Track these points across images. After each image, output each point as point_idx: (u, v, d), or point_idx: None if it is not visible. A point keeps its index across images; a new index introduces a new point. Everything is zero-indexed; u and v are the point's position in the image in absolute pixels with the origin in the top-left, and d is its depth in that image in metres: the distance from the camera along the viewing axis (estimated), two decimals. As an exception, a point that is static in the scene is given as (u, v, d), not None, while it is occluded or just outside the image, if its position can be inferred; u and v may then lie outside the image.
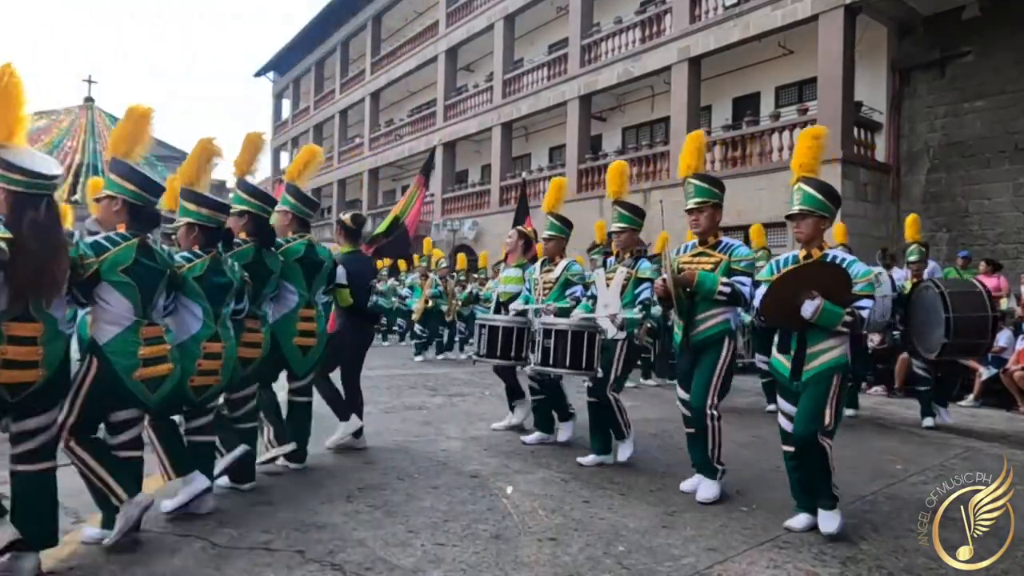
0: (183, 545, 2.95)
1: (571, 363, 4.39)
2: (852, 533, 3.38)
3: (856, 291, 3.24)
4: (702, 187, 3.86)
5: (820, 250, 3.41)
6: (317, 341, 4.20)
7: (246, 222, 3.85)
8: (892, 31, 12.05)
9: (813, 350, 3.29)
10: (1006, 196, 10.78)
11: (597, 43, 16.15)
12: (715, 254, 3.83)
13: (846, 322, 3.20)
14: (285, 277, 4.05)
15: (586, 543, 3.12)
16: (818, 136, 3.53)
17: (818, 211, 3.37)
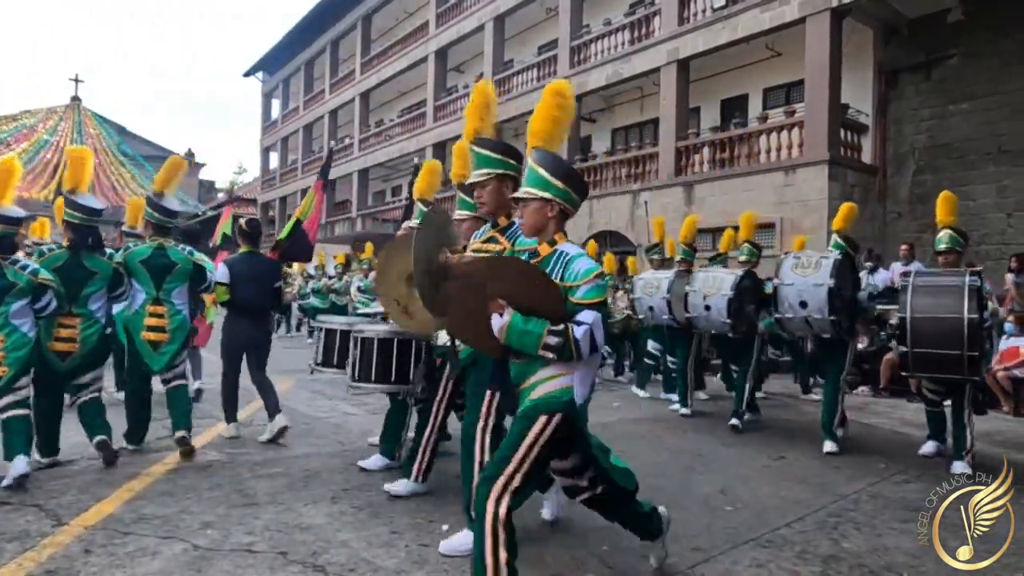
0: (164, 547, 2.93)
1: (377, 376, 3.90)
2: (834, 531, 3.41)
3: (575, 299, 2.29)
4: (483, 155, 3.14)
5: (551, 245, 2.45)
6: (170, 337, 4.54)
7: (68, 229, 4.36)
8: (878, 34, 12.15)
9: (528, 382, 2.38)
10: (990, 198, 10.88)
11: (587, 44, 16.19)
12: (503, 241, 3.08)
13: (548, 345, 2.24)
14: (134, 277, 4.56)
15: (570, 543, 3.12)
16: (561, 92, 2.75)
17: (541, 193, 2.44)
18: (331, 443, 5.04)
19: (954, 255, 5.13)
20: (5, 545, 2.91)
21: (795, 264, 5.48)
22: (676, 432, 5.86)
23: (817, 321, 5.23)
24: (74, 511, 3.34)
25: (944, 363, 4.44)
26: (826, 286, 5.11)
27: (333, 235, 24.67)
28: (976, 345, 4.33)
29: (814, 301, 5.18)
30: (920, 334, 4.47)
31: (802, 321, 5.36)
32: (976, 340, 4.32)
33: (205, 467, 4.26)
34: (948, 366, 4.44)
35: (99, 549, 2.89)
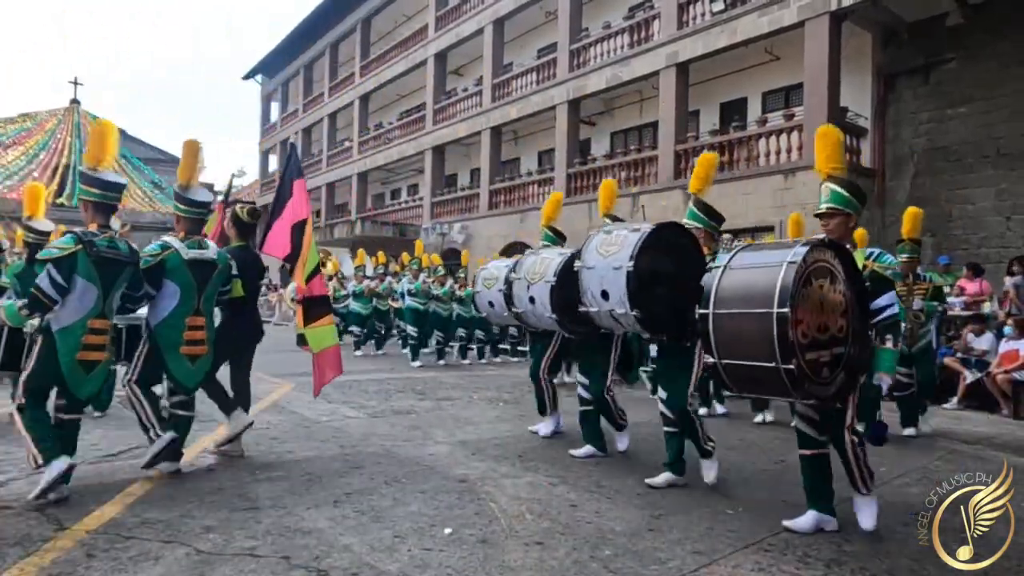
0: (167, 552, 2.92)
1: None
2: (836, 535, 3.41)
3: None
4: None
5: None
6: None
7: None
8: (877, 38, 12.18)
9: None
10: (989, 201, 10.91)
11: (586, 48, 16.22)
12: None
13: None
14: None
15: (573, 547, 3.12)
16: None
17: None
18: (332, 447, 5.04)
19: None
20: (7, 550, 2.90)
21: (603, 241, 4.25)
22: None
23: (623, 317, 4.04)
24: (76, 515, 3.33)
25: (762, 380, 3.13)
26: (624, 270, 3.87)
27: (332, 238, 24.65)
28: (791, 351, 2.93)
29: (615, 291, 4.00)
30: (724, 337, 3.21)
31: (608, 317, 4.18)
32: (785, 344, 2.92)
33: (206, 471, 4.26)
34: (767, 384, 3.12)
35: (101, 553, 2.89)
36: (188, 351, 4.11)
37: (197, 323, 4.14)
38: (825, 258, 3.19)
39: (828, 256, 3.21)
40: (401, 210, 24.80)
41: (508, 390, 8.29)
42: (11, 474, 4.02)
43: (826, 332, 3.13)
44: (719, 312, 3.23)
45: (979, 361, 7.96)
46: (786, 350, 2.94)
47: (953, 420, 7.14)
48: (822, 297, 3.13)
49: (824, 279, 3.15)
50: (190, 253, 4.13)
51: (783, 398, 3.33)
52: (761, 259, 3.26)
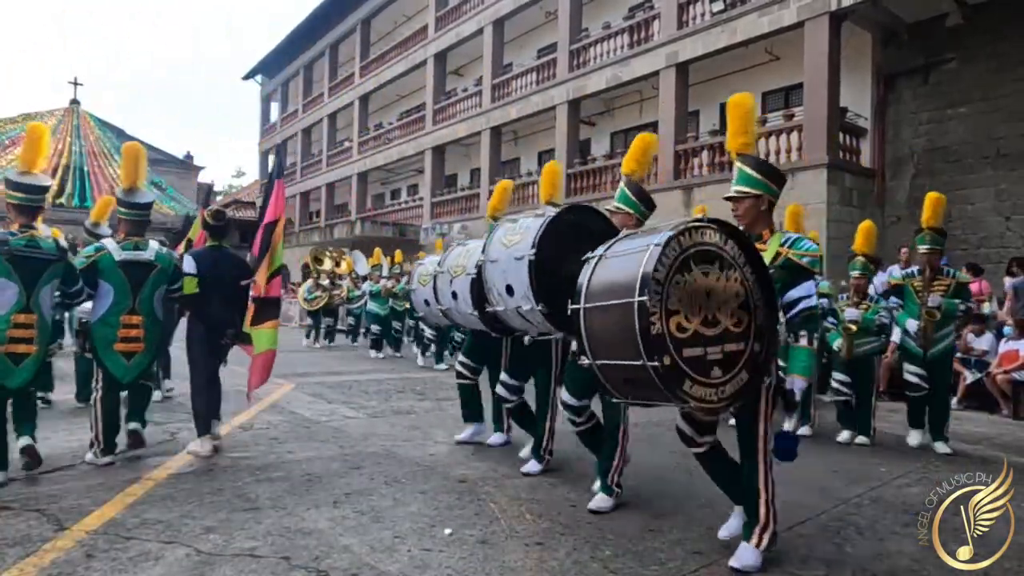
0: (167, 552, 2.92)
1: None
2: (837, 536, 3.41)
3: None
4: None
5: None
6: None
7: None
8: (877, 38, 12.18)
9: None
10: (988, 201, 10.91)
11: (586, 48, 16.22)
12: None
13: None
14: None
15: (573, 547, 3.12)
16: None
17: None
18: (332, 447, 5.04)
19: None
20: (7, 550, 2.90)
21: (507, 231, 3.94)
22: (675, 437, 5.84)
23: (531, 314, 3.70)
24: (76, 515, 3.33)
25: (637, 382, 2.72)
26: (526, 259, 3.58)
27: (332, 238, 24.65)
28: (660, 346, 2.55)
29: (519, 284, 3.64)
30: (595, 334, 2.84)
31: (517, 315, 3.82)
32: (649, 338, 2.53)
33: (206, 471, 4.26)
34: (644, 386, 2.68)
35: (101, 554, 2.89)
36: (123, 348, 4.32)
37: (132, 321, 4.33)
38: (712, 242, 2.77)
39: (717, 240, 2.79)
40: (401, 210, 24.80)
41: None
42: (11, 474, 4.01)
43: (715, 326, 2.71)
44: (589, 307, 2.85)
45: (979, 361, 7.96)
46: (652, 345, 2.54)
47: (953, 420, 7.10)
48: (709, 286, 2.72)
49: (711, 265, 2.74)
50: (123, 255, 4.34)
51: (664, 402, 2.77)
52: (634, 244, 2.85)
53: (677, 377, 2.61)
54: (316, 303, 14.36)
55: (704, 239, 2.76)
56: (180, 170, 40.86)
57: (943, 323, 5.51)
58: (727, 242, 2.82)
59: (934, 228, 5.51)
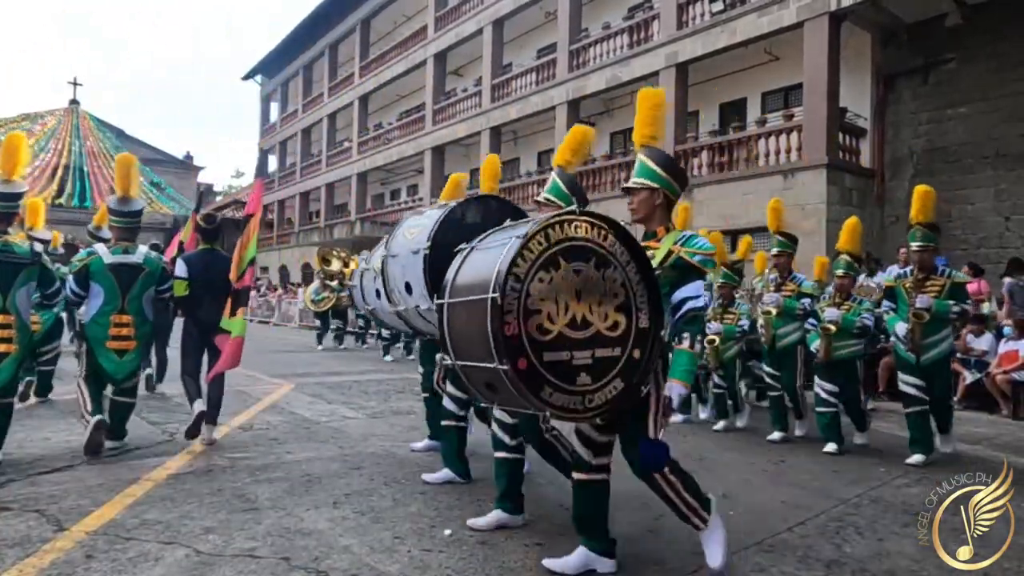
0: (166, 553, 2.92)
1: None
2: (836, 535, 3.41)
3: None
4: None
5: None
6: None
7: None
8: (876, 38, 12.18)
9: None
10: (988, 201, 10.92)
11: (585, 48, 16.22)
12: None
13: None
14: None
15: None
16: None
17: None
18: (331, 448, 5.04)
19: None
20: (6, 551, 2.90)
21: (411, 224, 3.77)
22: (676, 436, 5.85)
23: (431, 314, 3.38)
24: (75, 516, 3.33)
25: (496, 386, 2.55)
26: (421, 253, 3.29)
27: (331, 238, 24.65)
28: (514, 349, 2.37)
29: (416, 281, 3.43)
30: (456, 333, 2.69)
31: (419, 317, 3.60)
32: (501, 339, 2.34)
33: (206, 472, 4.26)
34: (502, 391, 2.52)
35: (101, 555, 2.89)
36: (114, 346, 4.59)
37: (123, 321, 4.61)
38: (588, 237, 2.55)
39: (594, 236, 2.56)
40: (401, 210, 24.77)
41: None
42: (10, 475, 4.01)
43: (586, 328, 2.50)
44: (451, 303, 2.67)
45: (978, 361, 7.96)
46: (505, 347, 2.35)
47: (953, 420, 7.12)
48: (581, 284, 2.50)
49: (584, 263, 2.52)
50: (112, 258, 4.63)
51: (524, 409, 2.57)
52: (501, 237, 2.67)
53: (534, 382, 2.40)
54: (323, 304, 14.04)
55: (578, 234, 2.54)
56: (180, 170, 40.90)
57: (935, 326, 5.02)
58: (607, 238, 2.58)
59: (925, 224, 5.10)
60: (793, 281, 5.91)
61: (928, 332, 5.02)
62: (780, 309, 5.78)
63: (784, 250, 5.95)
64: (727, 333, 6.24)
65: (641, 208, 2.96)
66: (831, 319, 5.41)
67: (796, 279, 5.93)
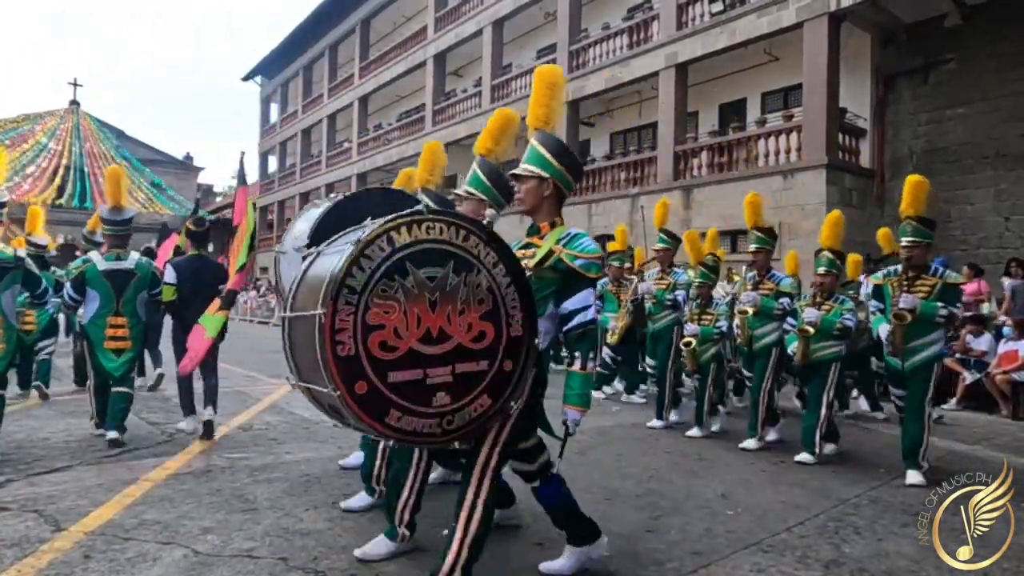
0: (164, 553, 2.92)
1: None
2: (835, 536, 3.41)
3: None
4: None
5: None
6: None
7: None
8: (876, 38, 12.18)
9: None
10: (988, 202, 10.91)
11: (585, 49, 16.22)
12: None
13: None
14: None
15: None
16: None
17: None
18: (330, 448, 5.03)
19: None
20: (4, 551, 2.90)
21: (305, 217, 3.58)
22: (677, 437, 5.85)
23: None
24: (73, 516, 3.33)
25: (335, 409, 2.30)
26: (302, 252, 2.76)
27: (332, 239, 24.65)
28: (352, 371, 2.11)
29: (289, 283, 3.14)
30: (297, 351, 2.43)
31: None
32: (330, 359, 2.08)
33: (205, 472, 4.25)
34: (350, 417, 2.19)
35: (99, 555, 2.89)
36: (112, 346, 4.92)
37: (118, 322, 4.93)
38: (444, 239, 2.25)
39: (451, 236, 2.27)
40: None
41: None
42: (8, 475, 4.01)
43: (444, 342, 2.24)
44: (291, 316, 2.37)
45: (978, 362, 7.96)
46: (338, 369, 2.08)
47: (952, 421, 7.12)
48: (436, 293, 2.23)
49: (439, 268, 2.24)
50: (106, 265, 4.94)
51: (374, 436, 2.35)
52: (344, 240, 2.38)
53: (376, 407, 2.15)
54: None
55: (431, 235, 2.24)
56: (180, 171, 40.89)
57: (922, 330, 4.54)
58: (468, 239, 2.30)
59: (916, 217, 4.62)
60: (771, 279, 5.59)
61: (913, 335, 4.56)
62: (757, 308, 5.47)
63: (762, 247, 5.64)
64: (704, 335, 5.87)
65: (528, 198, 2.71)
66: (810, 320, 5.04)
67: (775, 277, 5.62)
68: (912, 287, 4.61)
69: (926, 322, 4.52)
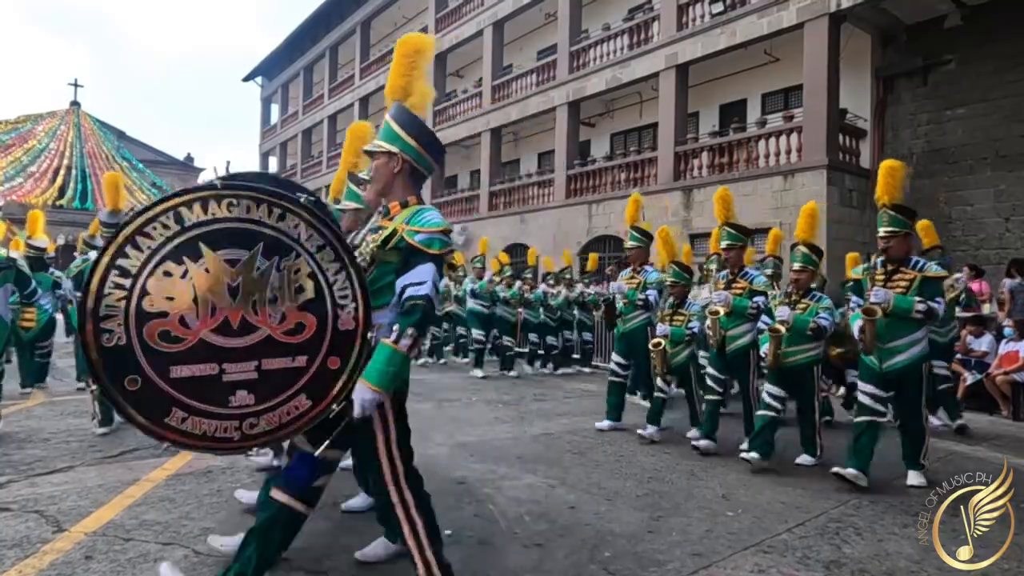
0: (166, 554, 2.92)
1: None
2: (835, 536, 3.41)
3: None
4: None
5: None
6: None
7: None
8: (876, 39, 12.20)
9: None
10: (988, 203, 10.92)
11: (585, 50, 16.23)
12: None
13: None
14: None
15: (572, 549, 3.12)
16: None
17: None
18: (331, 448, 5.03)
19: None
20: (6, 551, 2.90)
21: None
22: (676, 438, 5.85)
23: None
24: (75, 517, 3.33)
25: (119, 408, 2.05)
26: None
27: (332, 240, 24.65)
28: (117, 365, 1.92)
29: None
30: None
31: None
32: (98, 353, 1.91)
33: (205, 473, 4.25)
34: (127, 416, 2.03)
35: (100, 555, 2.89)
36: None
37: None
38: (250, 218, 2.03)
39: (263, 215, 2.05)
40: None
41: (507, 391, 8.28)
42: (10, 476, 4.01)
43: (248, 333, 2.04)
44: None
45: (978, 362, 7.96)
46: (104, 362, 1.90)
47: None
48: (239, 279, 2.03)
49: (242, 250, 2.02)
50: None
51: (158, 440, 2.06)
52: None
53: (152, 406, 1.94)
54: None
55: (233, 214, 2.02)
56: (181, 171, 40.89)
57: (900, 327, 4.24)
58: (284, 218, 2.07)
59: (891, 206, 4.34)
60: (744, 278, 5.29)
61: (892, 333, 4.27)
62: (729, 308, 5.19)
63: (734, 243, 5.31)
64: (675, 336, 5.61)
65: (377, 176, 2.46)
66: (782, 318, 4.79)
67: (748, 276, 5.32)
68: (890, 281, 4.32)
69: (904, 319, 4.21)
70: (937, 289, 4.32)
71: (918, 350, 4.32)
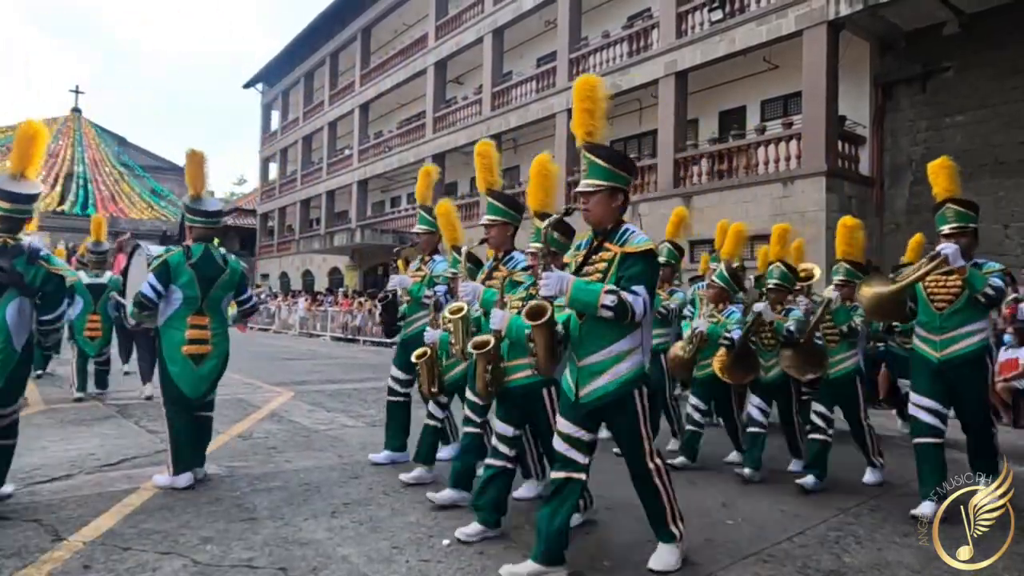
0: (164, 563, 2.91)
1: None
2: (836, 546, 3.40)
3: None
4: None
5: None
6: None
7: None
8: (875, 46, 12.24)
9: None
10: (987, 209, 10.91)
11: (585, 57, 16.29)
12: None
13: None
14: None
15: (572, 558, 3.10)
16: None
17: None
18: (330, 456, 5.03)
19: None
20: (4, 561, 2.89)
21: None
22: (675, 446, 5.84)
23: None
24: (73, 526, 3.33)
25: None
26: None
27: (332, 245, 24.68)
28: None
29: None
30: None
31: None
32: None
33: (204, 481, 4.25)
34: None
35: (98, 565, 2.88)
36: (89, 334, 7.20)
37: (95, 319, 7.21)
38: None
39: None
40: (401, 218, 24.83)
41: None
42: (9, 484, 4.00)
43: None
44: None
45: (979, 369, 7.93)
46: None
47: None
48: None
49: None
50: (88, 279, 7.18)
51: None
52: None
53: None
54: None
55: None
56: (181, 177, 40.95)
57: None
58: None
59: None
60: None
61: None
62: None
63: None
64: (443, 343, 4.56)
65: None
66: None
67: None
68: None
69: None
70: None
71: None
